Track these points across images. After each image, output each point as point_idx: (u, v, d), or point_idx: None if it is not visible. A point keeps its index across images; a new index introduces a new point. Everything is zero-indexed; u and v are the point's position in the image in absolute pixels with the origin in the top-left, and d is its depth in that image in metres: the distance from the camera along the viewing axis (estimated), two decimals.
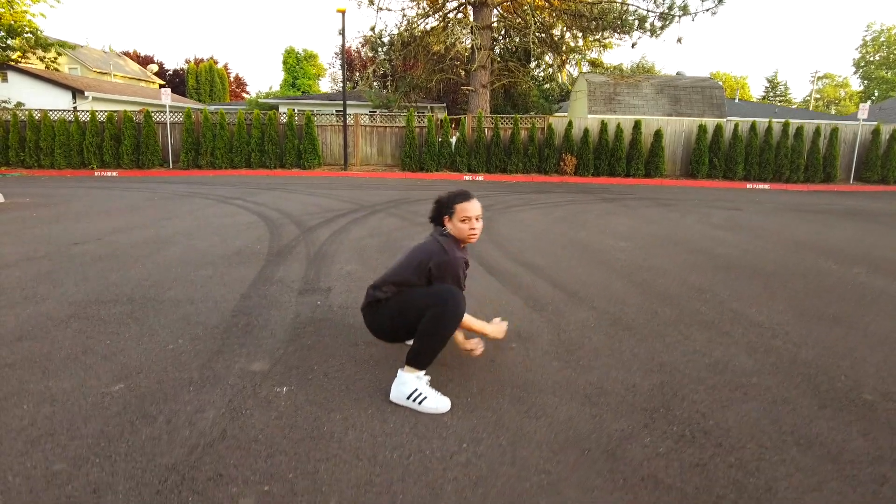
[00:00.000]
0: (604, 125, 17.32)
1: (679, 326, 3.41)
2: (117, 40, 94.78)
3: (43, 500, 1.68)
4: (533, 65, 23.31)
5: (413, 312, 2.36)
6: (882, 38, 56.47)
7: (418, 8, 19.90)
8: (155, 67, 42.46)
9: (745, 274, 4.94)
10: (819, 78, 64.61)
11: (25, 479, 1.78)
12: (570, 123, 17.37)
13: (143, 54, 47.31)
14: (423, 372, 2.36)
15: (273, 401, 2.33)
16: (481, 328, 2.66)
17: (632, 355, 2.92)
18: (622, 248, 6.05)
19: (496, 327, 2.79)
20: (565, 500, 1.74)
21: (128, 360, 2.72)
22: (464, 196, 2.48)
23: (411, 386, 2.31)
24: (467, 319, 2.55)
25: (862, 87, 59.28)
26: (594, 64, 22.13)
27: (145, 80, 40.39)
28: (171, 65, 55.56)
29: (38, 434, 2.03)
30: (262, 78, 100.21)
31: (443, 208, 2.53)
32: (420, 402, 2.28)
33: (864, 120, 18.69)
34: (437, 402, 2.27)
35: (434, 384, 2.46)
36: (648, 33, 18.83)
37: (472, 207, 2.46)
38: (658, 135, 17.19)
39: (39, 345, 2.90)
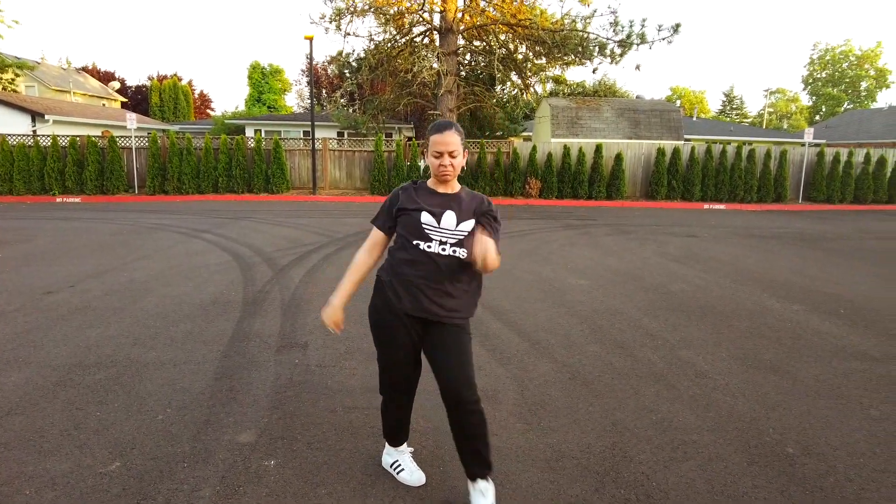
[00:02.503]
0: (566, 149, 17.90)
1: (631, 380, 3.74)
2: (75, 54, 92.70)
3: None
4: (498, 88, 23.85)
5: None
6: (827, 57, 59.51)
7: (385, 33, 20.22)
8: (117, 85, 41.73)
9: (695, 315, 5.34)
10: (772, 93, 67.59)
11: None
12: (534, 148, 17.90)
13: (103, 69, 46.47)
14: (403, 445, 2.61)
15: (263, 476, 2.54)
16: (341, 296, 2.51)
17: (587, 414, 3.23)
18: (583, 286, 6.41)
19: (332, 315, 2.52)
20: None
21: (120, 435, 2.89)
22: (436, 128, 2.26)
23: (393, 457, 2.60)
24: (350, 279, 2.47)
25: (811, 103, 62.20)
26: (558, 81, 22.83)
27: (107, 98, 39.68)
28: (133, 81, 54.63)
29: None
30: (228, 94, 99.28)
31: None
32: (398, 472, 2.54)
33: (809, 142, 19.77)
34: (412, 476, 2.52)
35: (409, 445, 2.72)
36: (608, 60, 19.56)
37: (442, 141, 2.22)
38: (619, 158, 17.85)
39: (31, 420, 3.04)
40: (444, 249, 2.24)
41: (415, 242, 2.25)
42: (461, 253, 2.24)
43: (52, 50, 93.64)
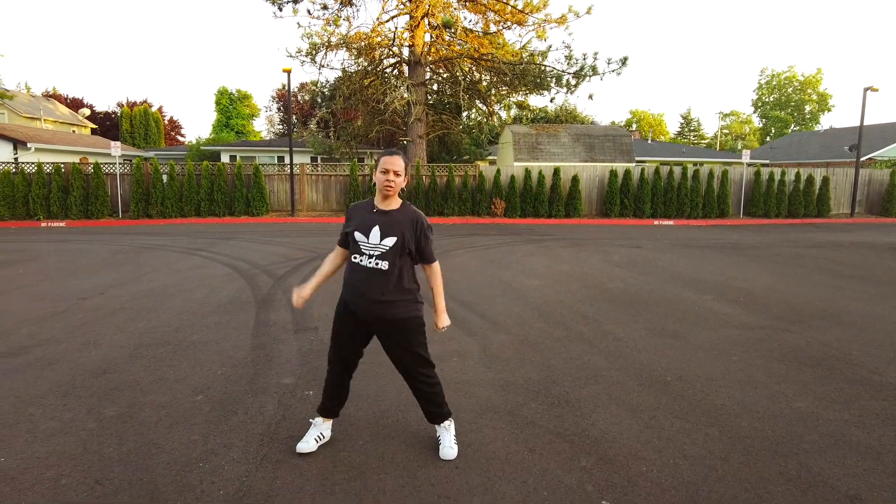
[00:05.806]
0: (528, 172, 19.45)
1: (565, 342, 5.02)
2: (34, 79, 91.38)
3: (190, 456, 3.00)
4: (464, 115, 25.43)
5: None
6: (774, 82, 63.51)
7: (357, 65, 21.62)
8: (87, 111, 42.13)
9: (623, 304, 6.67)
10: (725, 115, 71.47)
11: (178, 443, 3.09)
12: (498, 171, 19.39)
13: (69, 96, 46.68)
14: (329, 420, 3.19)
15: (307, 399, 3.71)
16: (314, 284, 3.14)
17: (530, 361, 4.48)
18: (536, 285, 7.71)
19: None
20: (484, 436, 3.22)
21: (195, 382, 4.01)
22: (389, 152, 2.78)
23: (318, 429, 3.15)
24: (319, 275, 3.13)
25: (761, 125, 66.03)
26: (521, 106, 24.57)
27: (77, 125, 40.02)
28: (102, 107, 54.83)
29: (170, 423, 3.32)
30: (194, 118, 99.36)
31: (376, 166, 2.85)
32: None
33: (747, 163, 21.78)
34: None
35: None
36: (565, 90, 21.35)
37: (390, 161, 2.74)
38: (575, 180, 19.47)
39: (123, 376, 4.13)
40: (370, 262, 2.77)
41: (352, 255, 2.86)
42: (383, 265, 2.75)
43: (9, 76, 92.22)
